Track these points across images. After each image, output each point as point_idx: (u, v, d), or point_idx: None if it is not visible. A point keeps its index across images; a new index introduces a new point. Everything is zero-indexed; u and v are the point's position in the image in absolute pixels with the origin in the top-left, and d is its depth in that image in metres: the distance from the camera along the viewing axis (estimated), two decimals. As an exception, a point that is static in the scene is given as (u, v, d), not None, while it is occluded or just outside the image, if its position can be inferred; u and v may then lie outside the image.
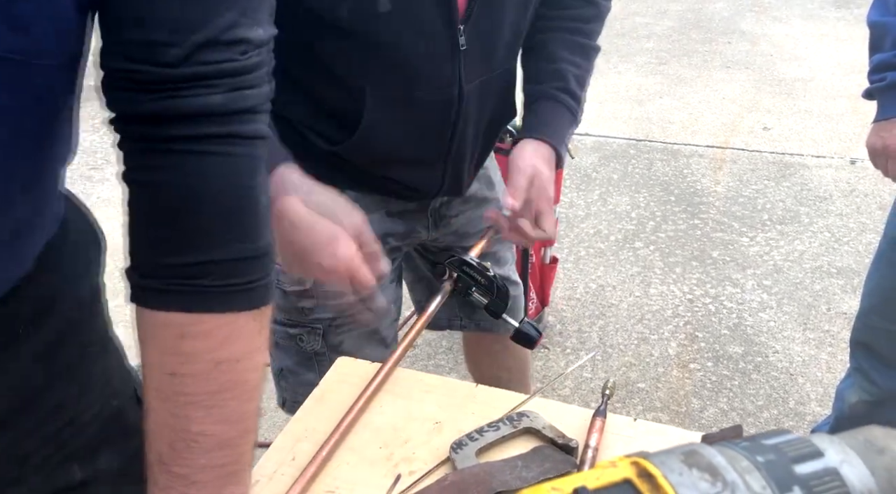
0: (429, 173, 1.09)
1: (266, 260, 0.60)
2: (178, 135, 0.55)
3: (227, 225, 0.57)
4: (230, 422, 0.60)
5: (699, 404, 2.07)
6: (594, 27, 1.15)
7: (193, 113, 0.54)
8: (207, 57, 0.53)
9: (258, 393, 0.62)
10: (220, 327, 0.58)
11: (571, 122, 1.12)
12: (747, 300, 2.48)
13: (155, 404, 0.59)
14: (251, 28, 0.55)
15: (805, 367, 2.19)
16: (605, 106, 3.95)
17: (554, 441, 0.81)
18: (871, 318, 1.41)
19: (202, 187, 0.56)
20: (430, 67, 0.97)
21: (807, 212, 2.98)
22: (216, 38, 0.53)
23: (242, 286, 0.58)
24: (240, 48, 0.55)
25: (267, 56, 0.58)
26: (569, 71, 1.10)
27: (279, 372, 1.21)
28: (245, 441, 0.61)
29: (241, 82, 0.56)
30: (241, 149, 0.57)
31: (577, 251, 2.78)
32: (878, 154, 1.22)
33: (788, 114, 3.85)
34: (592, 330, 2.39)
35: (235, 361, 0.59)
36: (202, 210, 0.56)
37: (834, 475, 0.37)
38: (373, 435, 0.85)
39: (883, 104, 1.21)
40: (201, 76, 0.54)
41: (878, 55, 1.20)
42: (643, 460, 0.36)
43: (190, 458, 0.58)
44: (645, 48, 4.83)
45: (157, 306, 0.57)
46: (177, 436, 0.58)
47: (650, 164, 3.40)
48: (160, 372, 0.58)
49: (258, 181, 0.59)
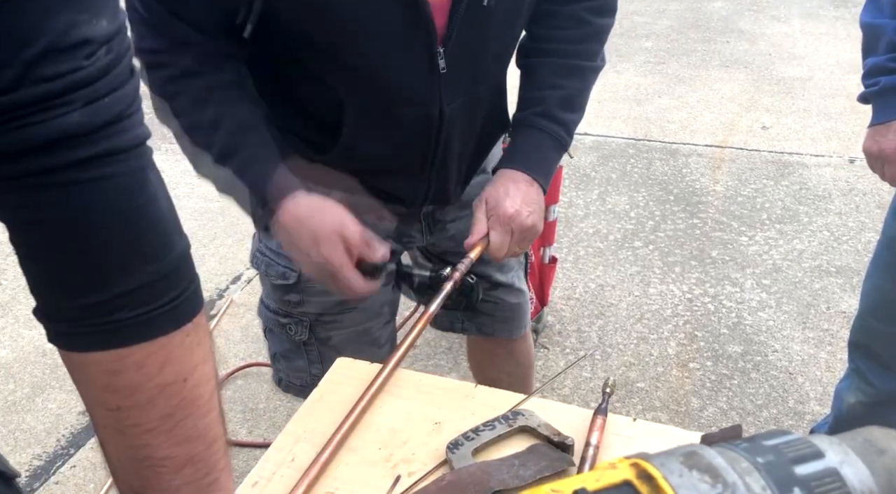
0: (413, 184, 1.08)
1: (182, 271, 0.54)
2: (40, 168, 0.46)
3: (128, 253, 0.50)
4: (193, 440, 0.56)
5: (699, 403, 2.07)
6: (590, 47, 1.09)
7: (51, 140, 0.45)
8: (48, 71, 0.44)
9: (214, 402, 0.58)
10: (152, 355, 0.52)
11: (553, 147, 1.08)
12: (746, 299, 2.48)
13: (109, 438, 0.55)
14: (92, 24, 0.46)
15: (804, 366, 2.19)
16: (603, 105, 3.95)
17: (550, 439, 0.81)
18: (868, 320, 1.41)
19: (87, 221, 0.48)
20: (409, 88, 0.96)
21: (806, 211, 2.98)
22: (53, 45, 0.44)
23: (164, 308, 0.52)
24: (84, 51, 0.45)
25: (120, 47, 0.48)
26: (550, 96, 1.06)
27: (274, 355, 1.24)
28: (213, 450, 0.58)
29: (96, 91, 0.46)
30: (120, 167, 0.49)
31: (576, 250, 2.78)
32: (874, 158, 1.22)
33: (787, 114, 3.85)
34: (592, 329, 2.38)
35: (182, 382, 0.54)
36: (94, 245, 0.49)
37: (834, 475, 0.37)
38: (372, 436, 0.85)
39: (877, 108, 1.20)
40: (48, 95, 0.44)
41: (872, 58, 1.19)
42: (643, 461, 0.36)
43: (162, 482, 0.56)
44: (643, 47, 4.83)
45: (75, 349, 0.52)
46: (142, 465, 0.55)
47: (649, 164, 3.40)
48: (104, 408, 0.53)
49: (150, 192, 0.51)
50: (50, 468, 1.92)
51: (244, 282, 2.65)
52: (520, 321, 1.39)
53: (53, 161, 0.46)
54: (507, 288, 1.32)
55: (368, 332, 1.18)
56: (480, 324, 1.37)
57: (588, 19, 1.07)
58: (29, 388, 2.18)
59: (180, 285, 0.54)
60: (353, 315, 1.15)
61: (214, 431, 0.58)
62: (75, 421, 2.06)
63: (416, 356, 2.29)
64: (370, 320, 1.18)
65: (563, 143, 1.09)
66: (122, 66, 0.49)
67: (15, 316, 2.47)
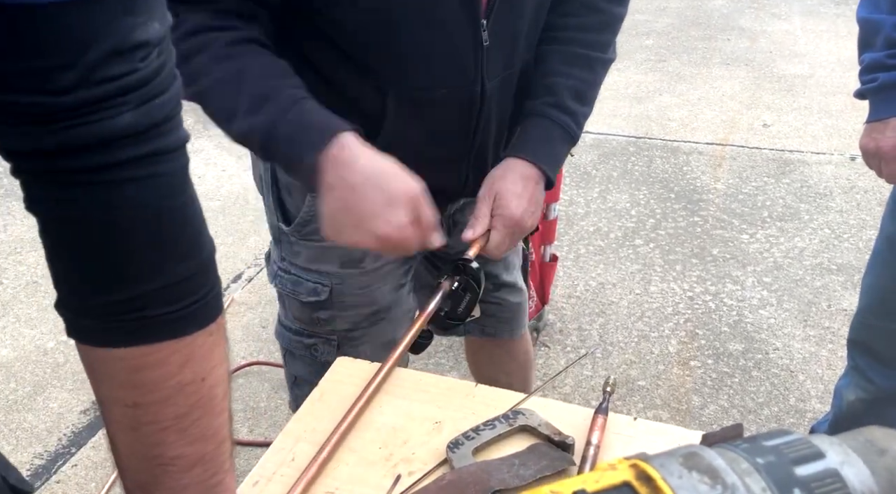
0: (452, 173, 1.06)
1: (210, 272, 0.55)
2: (90, 166, 0.47)
3: (162, 251, 0.51)
4: (204, 439, 0.57)
5: (699, 401, 2.07)
6: (601, 37, 1.07)
7: (104, 139, 0.47)
8: (107, 73, 0.45)
9: (227, 403, 0.59)
10: (175, 353, 0.53)
11: (563, 139, 1.05)
12: (747, 297, 2.48)
13: (122, 435, 0.56)
14: (148, 26, 0.47)
15: (805, 364, 2.18)
16: (604, 103, 3.94)
17: (550, 438, 0.81)
18: (868, 317, 1.40)
19: (128, 219, 0.49)
20: (453, 65, 0.93)
21: (807, 208, 2.97)
22: (115, 48, 0.45)
23: (192, 306, 0.53)
24: (140, 54, 0.47)
25: (167, 50, 0.50)
26: (563, 85, 1.04)
27: (293, 380, 1.19)
28: (222, 451, 0.59)
29: (149, 92, 0.48)
30: (165, 167, 0.50)
31: (577, 249, 2.77)
32: (871, 155, 1.21)
33: (788, 111, 3.85)
34: (593, 328, 2.38)
35: (201, 381, 0.55)
36: (132, 243, 0.50)
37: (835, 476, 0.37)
38: (372, 436, 0.85)
39: (875, 105, 1.19)
40: (105, 96, 0.46)
41: (869, 54, 1.18)
42: (642, 462, 0.36)
43: (170, 481, 0.56)
44: (644, 45, 4.82)
45: (99, 344, 0.52)
46: (153, 463, 0.56)
47: (650, 162, 3.39)
48: (121, 404, 0.54)
49: (189, 192, 0.53)
50: (51, 467, 1.92)
51: (245, 281, 2.65)
52: (520, 320, 1.39)
53: (105, 159, 0.47)
54: (511, 287, 1.32)
55: (392, 343, 1.16)
56: (483, 325, 1.36)
57: (601, 6, 1.05)
58: (30, 387, 2.18)
59: (207, 285, 0.55)
60: (382, 326, 1.13)
61: (224, 431, 0.59)
62: (76, 420, 2.07)
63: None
64: (395, 331, 1.14)
65: (573, 136, 1.06)
66: (169, 68, 0.50)
67: (16, 316, 2.48)
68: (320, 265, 1.07)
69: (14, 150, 0.47)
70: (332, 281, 1.07)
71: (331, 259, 1.07)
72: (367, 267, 1.08)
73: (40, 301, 2.53)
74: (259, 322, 2.45)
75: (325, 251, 1.06)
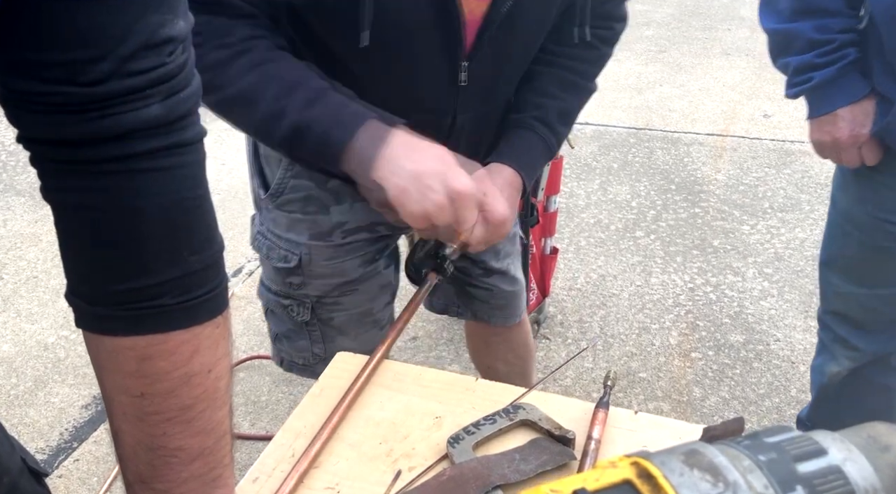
0: None
1: (220, 265, 0.57)
2: (115, 155, 0.49)
3: (178, 242, 0.53)
4: (206, 432, 0.58)
5: (701, 393, 2.07)
6: (591, 69, 1.12)
7: (132, 130, 0.49)
8: (137, 66, 0.47)
9: (229, 397, 0.60)
10: (184, 343, 0.54)
11: (543, 153, 1.09)
12: (748, 288, 2.48)
13: (126, 426, 0.56)
14: (174, 23, 0.49)
15: (807, 355, 2.18)
16: (604, 94, 3.92)
17: (551, 432, 0.81)
18: (841, 287, 1.44)
19: (147, 208, 0.51)
20: (428, 97, 0.97)
21: (808, 199, 2.97)
22: (145, 43, 0.47)
23: (202, 298, 0.55)
24: (168, 49, 0.49)
25: (189, 48, 0.52)
26: (552, 105, 1.08)
27: (275, 336, 1.24)
28: (222, 445, 0.60)
29: (174, 86, 0.50)
30: (186, 158, 0.52)
31: (578, 241, 2.77)
32: (828, 147, 1.28)
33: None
34: (593, 320, 2.38)
35: (207, 372, 0.56)
36: (150, 232, 0.51)
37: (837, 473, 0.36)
38: (373, 431, 0.85)
39: (816, 102, 1.25)
40: (135, 89, 0.48)
41: (795, 58, 1.23)
42: (643, 460, 0.36)
43: (171, 473, 0.57)
44: (644, 36, 4.80)
45: (111, 333, 0.53)
46: (155, 454, 0.56)
47: (650, 153, 3.38)
48: (127, 394, 0.55)
49: (206, 185, 0.55)
50: (53, 462, 1.93)
51: (245, 275, 2.65)
52: (514, 309, 1.40)
53: (130, 149, 0.49)
54: (502, 274, 1.33)
55: (370, 313, 1.20)
56: (476, 310, 1.39)
57: (595, 44, 1.09)
58: (31, 382, 2.18)
59: (217, 277, 0.56)
60: (354, 297, 1.16)
61: (225, 425, 0.60)
62: (78, 415, 2.07)
63: (418, 347, 2.29)
64: (371, 301, 1.19)
65: (551, 153, 1.11)
66: (191, 64, 0.53)
67: (17, 311, 2.48)
68: (291, 235, 1.11)
69: (40, 139, 0.49)
70: (300, 251, 1.11)
71: (300, 230, 1.10)
72: (334, 240, 1.11)
73: (41, 296, 2.53)
74: (260, 315, 2.44)
75: (296, 222, 1.10)
